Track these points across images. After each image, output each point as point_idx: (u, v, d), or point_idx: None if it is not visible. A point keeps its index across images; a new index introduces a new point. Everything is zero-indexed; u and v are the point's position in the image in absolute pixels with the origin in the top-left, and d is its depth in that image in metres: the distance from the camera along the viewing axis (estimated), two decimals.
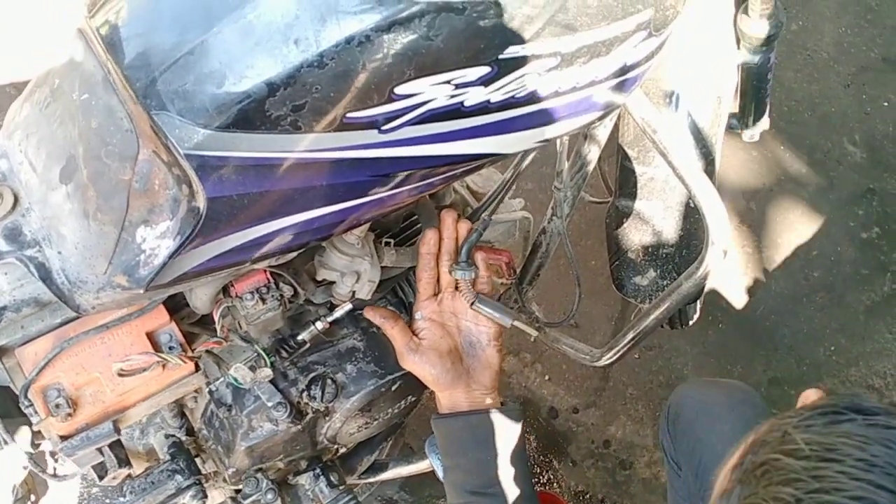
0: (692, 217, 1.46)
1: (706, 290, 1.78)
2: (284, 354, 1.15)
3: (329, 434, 1.24)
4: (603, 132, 1.21)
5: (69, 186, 0.86)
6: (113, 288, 0.86)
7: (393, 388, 1.22)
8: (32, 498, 1.25)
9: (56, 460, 1.10)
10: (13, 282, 0.91)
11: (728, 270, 2.26)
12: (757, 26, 1.35)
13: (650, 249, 1.53)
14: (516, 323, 1.15)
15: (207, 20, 0.77)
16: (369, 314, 1.15)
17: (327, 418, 1.20)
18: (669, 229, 1.51)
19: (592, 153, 1.24)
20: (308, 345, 1.16)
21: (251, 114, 0.77)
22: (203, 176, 0.79)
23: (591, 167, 1.26)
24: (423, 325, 1.16)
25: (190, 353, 1.03)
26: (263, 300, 1.04)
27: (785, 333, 2.20)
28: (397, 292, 1.28)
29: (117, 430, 1.01)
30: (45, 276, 0.87)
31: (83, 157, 0.84)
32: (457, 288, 1.15)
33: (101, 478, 1.15)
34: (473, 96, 0.84)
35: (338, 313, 1.15)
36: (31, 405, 0.97)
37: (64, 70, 0.87)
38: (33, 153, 0.89)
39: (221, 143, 0.77)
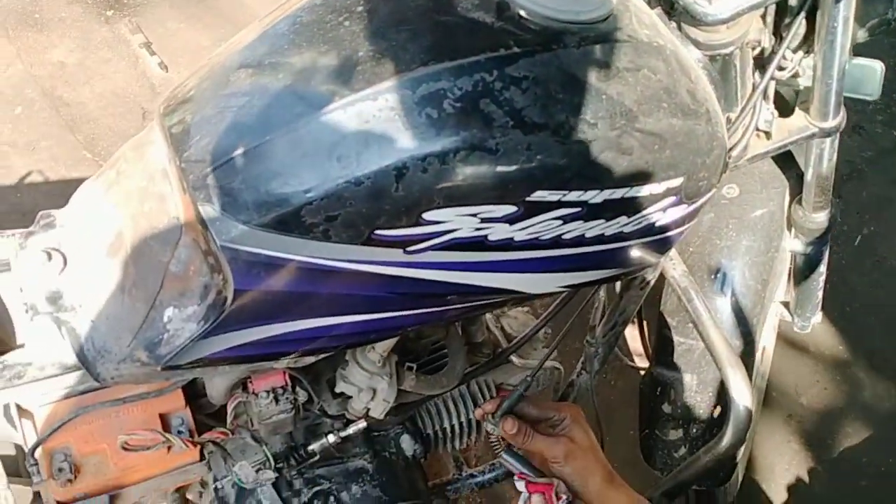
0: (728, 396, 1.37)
1: (743, 472, 1.74)
2: (293, 463, 1.15)
3: None
4: (639, 293, 1.18)
5: (113, 261, 0.93)
6: (133, 361, 0.92)
7: None
8: None
9: None
10: (42, 341, 0.97)
11: (771, 464, 2.07)
12: (811, 218, 1.34)
13: (681, 423, 1.45)
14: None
15: (263, 128, 0.82)
16: (507, 425, 1.06)
17: None
18: (702, 406, 1.43)
19: (627, 313, 1.22)
20: (318, 457, 1.15)
21: (287, 217, 0.81)
22: (234, 268, 0.84)
23: (624, 327, 1.25)
24: None
25: (196, 439, 1.05)
26: (277, 400, 1.07)
27: None
28: (416, 421, 1.27)
29: None
30: (74, 340, 0.95)
31: (131, 236, 0.92)
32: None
33: None
34: (498, 232, 0.85)
35: (351, 430, 1.15)
36: (36, 465, 1.02)
37: (131, 156, 0.96)
38: (89, 226, 0.98)
39: (256, 240, 0.82)
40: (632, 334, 1.71)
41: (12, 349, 0.98)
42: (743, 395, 1.08)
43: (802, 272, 1.51)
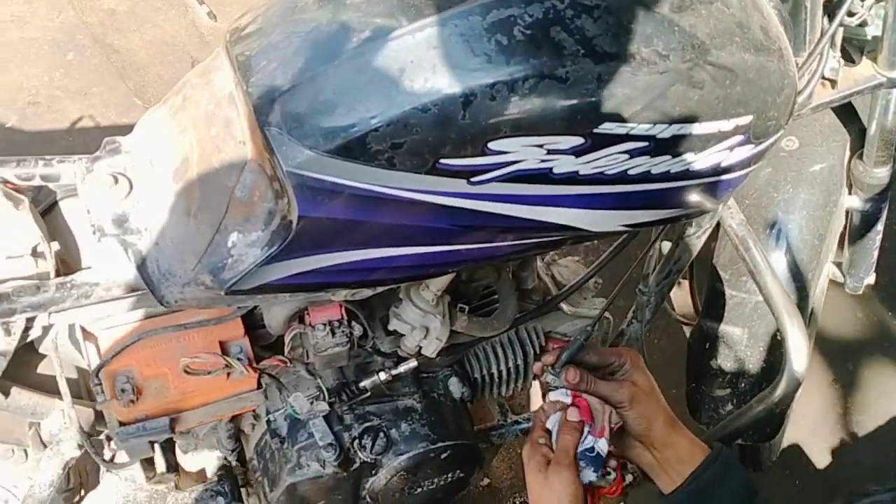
0: (778, 352, 1.37)
1: (786, 435, 1.75)
2: (344, 398, 1.16)
3: (372, 491, 1.22)
4: (695, 242, 1.17)
5: (178, 185, 0.93)
6: (197, 285, 0.93)
7: (442, 457, 1.21)
8: (82, 492, 1.30)
9: (109, 443, 1.14)
10: (108, 263, 0.98)
11: (815, 428, 2.05)
12: (871, 173, 1.33)
13: (730, 378, 1.45)
14: None
15: (331, 54, 0.82)
16: (569, 374, 1.04)
17: (373, 472, 1.19)
18: (752, 360, 1.43)
19: (682, 262, 1.21)
20: (369, 394, 1.17)
21: (353, 144, 0.80)
22: (299, 194, 0.83)
23: (678, 276, 1.24)
24: None
25: (255, 366, 1.07)
26: (333, 333, 1.08)
27: None
28: (464, 365, 1.28)
29: (172, 429, 1.07)
30: (140, 262, 0.95)
31: (197, 160, 0.92)
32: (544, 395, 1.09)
33: (147, 478, 1.21)
34: (563, 164, 0.84)
35: (402, 368, 1.15)
36: (100, 385, 1.04)
37: (198, 82, 0.96)
38: (154, 151, 0.98)
39: (321, 166, 0.81)
40: (677, 293, 1.70)
41: (79, 270, 0.99)
42: (799, 346, 1.07)
43: (859, 230, 1.48)
